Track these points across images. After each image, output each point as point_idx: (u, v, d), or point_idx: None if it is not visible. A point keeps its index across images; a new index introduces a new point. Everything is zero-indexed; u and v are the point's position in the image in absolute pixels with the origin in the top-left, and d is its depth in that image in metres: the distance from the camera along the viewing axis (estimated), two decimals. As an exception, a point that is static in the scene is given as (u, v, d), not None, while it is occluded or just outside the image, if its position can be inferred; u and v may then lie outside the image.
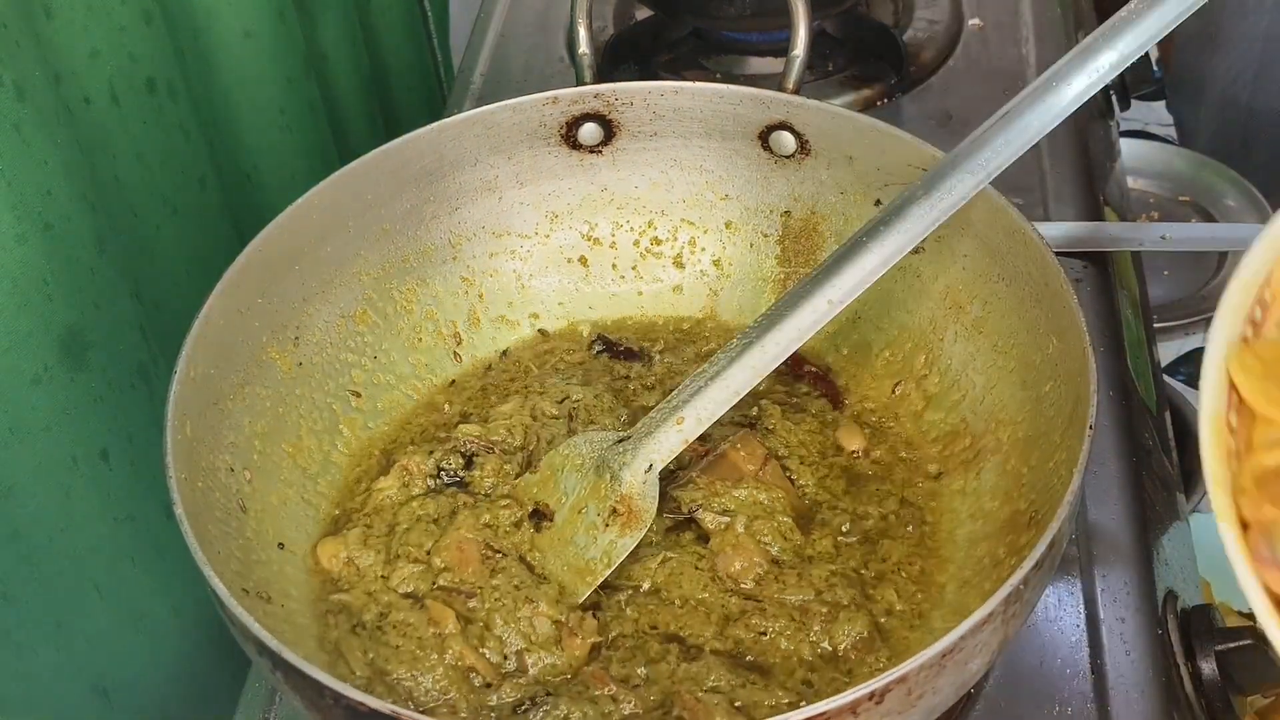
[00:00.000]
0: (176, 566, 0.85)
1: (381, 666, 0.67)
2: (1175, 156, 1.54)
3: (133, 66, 0.81)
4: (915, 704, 0.56)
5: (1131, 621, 0.74)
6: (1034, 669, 0.72)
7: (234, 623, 0.60)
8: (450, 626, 0.68)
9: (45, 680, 0.80)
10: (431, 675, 0.66)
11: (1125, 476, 0.83)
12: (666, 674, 0.66)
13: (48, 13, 0.75)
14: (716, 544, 0.71)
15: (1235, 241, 1.27)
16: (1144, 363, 0.97)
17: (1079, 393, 0.65)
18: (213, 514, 0.68)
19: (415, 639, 0.68)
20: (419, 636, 0.68)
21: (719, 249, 0.88)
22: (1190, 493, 1.16)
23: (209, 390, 0.71)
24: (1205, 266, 1.42)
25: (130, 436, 0.80)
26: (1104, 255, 0.99)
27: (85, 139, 0.78)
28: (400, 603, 0.70)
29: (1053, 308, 0.69)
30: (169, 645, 0.88)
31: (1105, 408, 0.86)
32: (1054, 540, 0.59)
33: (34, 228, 0.71)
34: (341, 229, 0.79)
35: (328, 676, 0.55)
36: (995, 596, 0.56)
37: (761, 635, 0.67)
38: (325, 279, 0.80)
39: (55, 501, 0.77)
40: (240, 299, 0.74)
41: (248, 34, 0.90)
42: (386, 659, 0.67)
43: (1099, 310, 0.94)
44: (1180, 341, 1.36)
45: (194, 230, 0.89)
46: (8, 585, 0.76)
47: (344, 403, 0.80)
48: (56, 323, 0.74)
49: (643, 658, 0.67)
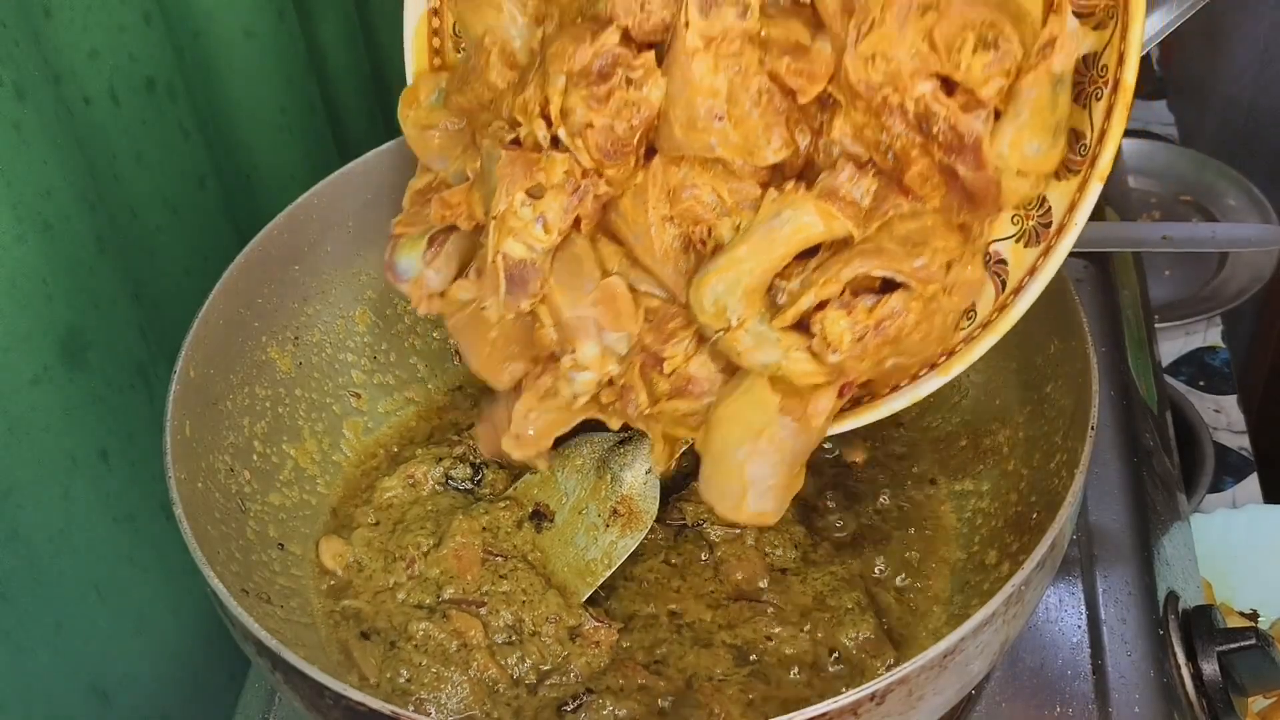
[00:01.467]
0: (176, 567, 0.85)
1: (402, 686, 0.66)
2: (1176, 156, 1.54)
3: (132, 66, 0.81)
4: (916, 705, 0.56)
5: (1132, 622, 0.74)
6: (1035, 670, 0.72)
7: (234, 623, 0.60)
8: (476, 636, 0.67)
9: (44, 680, 0.80)
10: (456, 691, 0.66)
11: (1126, 477, 0.83)
12: (679, 656, 0.66)
13: (47, 12, 0.75)
14: (721, 554, 0.71)
15: (1237, 241, 1.27)
16: (1145, 362, 0.97)
17: (1081, 394, 0.64)
18: (212, 514, 0.68)
19: (438, 653, 0.67)
20: (442, 650, 0.67)
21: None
22: (1191, 493, 1.16)
23: (208, 390, 0.71)
24: (1206, 266, 1.42)
25: (130, 436, 0.80)
26: (1105, 255, 0.99)
27: (85, 139, 0.78)
28: (416, 613, 0.69)
29: (1054, 308, 0.69)
30: (169, 645, 0.87)
31: (1106, 408, 0.86)
32: (1055, 541, 0.58)
33: (34, 228, 0.71)
34: (341, 229, 0.79)
35: (328, 677, 0.55)
36: (996, 598, 0.56)
37: (768, 640, 0.67)
38: (325, 279, 0.80)
39: (55, 501, 0.77)
40: (240, 299, 0.74)
41: (248, 34, 0.90)
42: (409, 677, 0.67)
43: (1100, 310, 0.94)
44: (1181, 341, 1.36)
45: (194, 230, 0.89)
46: (7, 585, 0.76)
47: (344, 403, 0.80)
48: (56, 323, 0.74)
49: (656, 637, 0.67)
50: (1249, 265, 1.40)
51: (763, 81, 0.59)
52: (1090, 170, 0.56)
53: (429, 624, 0.68)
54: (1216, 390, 1.31)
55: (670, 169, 0.62)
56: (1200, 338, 1.36)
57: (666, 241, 0.63)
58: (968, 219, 0.57)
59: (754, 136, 0.59)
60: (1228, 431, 1.27)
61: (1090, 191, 0.56)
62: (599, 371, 0.65)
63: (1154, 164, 1.53)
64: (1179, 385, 1.31)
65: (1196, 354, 1.35)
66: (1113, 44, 0.56)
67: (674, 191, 0.62)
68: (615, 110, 0.60)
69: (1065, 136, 0.57)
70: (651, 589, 0.71)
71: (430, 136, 0.71)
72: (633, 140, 0.61)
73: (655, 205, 0.63)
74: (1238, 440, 1.26)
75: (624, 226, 0.64)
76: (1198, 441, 1.22)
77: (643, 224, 0.63)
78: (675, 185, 0.62)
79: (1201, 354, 1.35)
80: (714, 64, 0.59)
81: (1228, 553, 1.06)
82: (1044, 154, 0.56)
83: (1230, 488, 1.22)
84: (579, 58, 0.60)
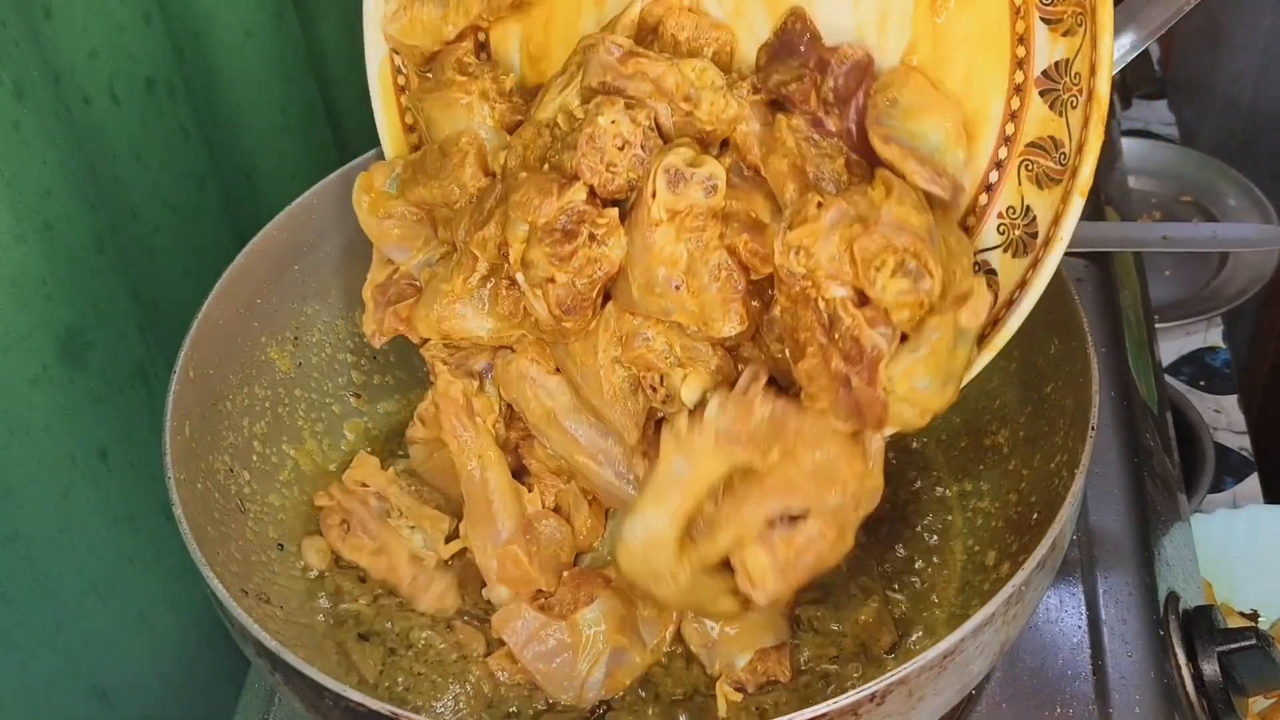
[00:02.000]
0: (176, 567, 0.85)
1: (400, 695, 0.67)
2: (1177, 156, 1.54)
3: (132, 66, 0.81)
4: (916, 705, 0.56)
5: (1133, 623, 0.74)
6: (1035, 670, 0.72)
7: (233, 624, 0.60)
8: (478, 649, 0.67)
9: (44, 681, 0.80)
10: (453, 703, 0.66)
11: (1126, 477, 0.82)
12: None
13: (47, 12, 0.75)
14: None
15: (1237, 241, 1.27)
16: (1145, 363, 0.96)
17: (1081, 394, 0.64)
18: (212, 514, 0.68)
19: (437, 663, 0.67)
20: (441, 661, 0.67)
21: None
22: (1192, 493, 1.16)
23: (208, 390, 0.71)
24: (1207, 266, 1.42)
25: (129, 437, 0.80)
26: (1106, 255, 0.99)
27: (85, 139, 0.78)
28: (421, 620, 0.69)
29: (1055, 308, 0.69)
30: (168, 646, 0.87)
31: (1106, 408, 0.85)
32: (1055, 541, 0.58)
33: (34, 228, 0.71)
34: (341, 229, 0.79)
35: (327, 678, 0.55)
36: (996, 598, 0.56)
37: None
38: (325, 279, 0.80)
39: (54, 501, 0.77)
40: (239, 299, 0.74)
41: (248, 33, 0.90)
42: (406, 686, 0.67)
43: (1100, 310, 0.94)
44: (1181, 341, 1.36)
45: (194, 230, 0.89)
46: (7, 586, 0.76)
47: (344, 404, 0.80)
48: (56, 323, 0.74)
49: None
50: (1249, 265, 1.40)
51: (721, 256, 0.60)
52: (1072, 183, 0.56)
53: (431, 632, 0.68)
54: (1217, 390, 1.31)
55: (624, 316, 0.63)
56: (1200, 338, 1.36)
57: (615, 383, 0.64)
58: (857, 428, 0.57)
59: (711, 309, 0.60)
60: (1228, 431, 1.27)
61: (1073, 205, 0.56)
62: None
63: (1154, 164, 1.53)
64: (1179, 385, 1.31)
65: (1196, 354, 1.35)
66: (1084, 52, 0.56)
67: (626, 338, 0.63)
68: (577, 267, 0.61)
69: (957, 384, 0.57)
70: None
71: (388, 226, 0.72)
72: (592, 294, 0.62)
73: (606, 348, 0.64)
74: (1238, 440, 1.26)
75: (573, 368, 0.65)
76: (1198, 441, 1.22)
77: (591, 366, 0.64)
78: (628, 333, 0.63)
79: (1202, 354, 1.35)
80: (676, 235, 0.60)
81: (1228, 553, 1.06)
82: (932, 393, 0.56)
83: (1230, 488, 1.22)
84: (544, 210, 0.61)
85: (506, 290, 0.64)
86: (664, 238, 0.60)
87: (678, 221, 0.59)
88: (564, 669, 0.64)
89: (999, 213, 0.59)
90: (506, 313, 0.65)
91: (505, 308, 0.65)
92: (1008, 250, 0.60)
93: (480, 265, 0.65)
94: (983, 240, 0.60)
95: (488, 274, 0.66)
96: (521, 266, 0.62)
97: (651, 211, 0.59)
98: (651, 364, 0.63)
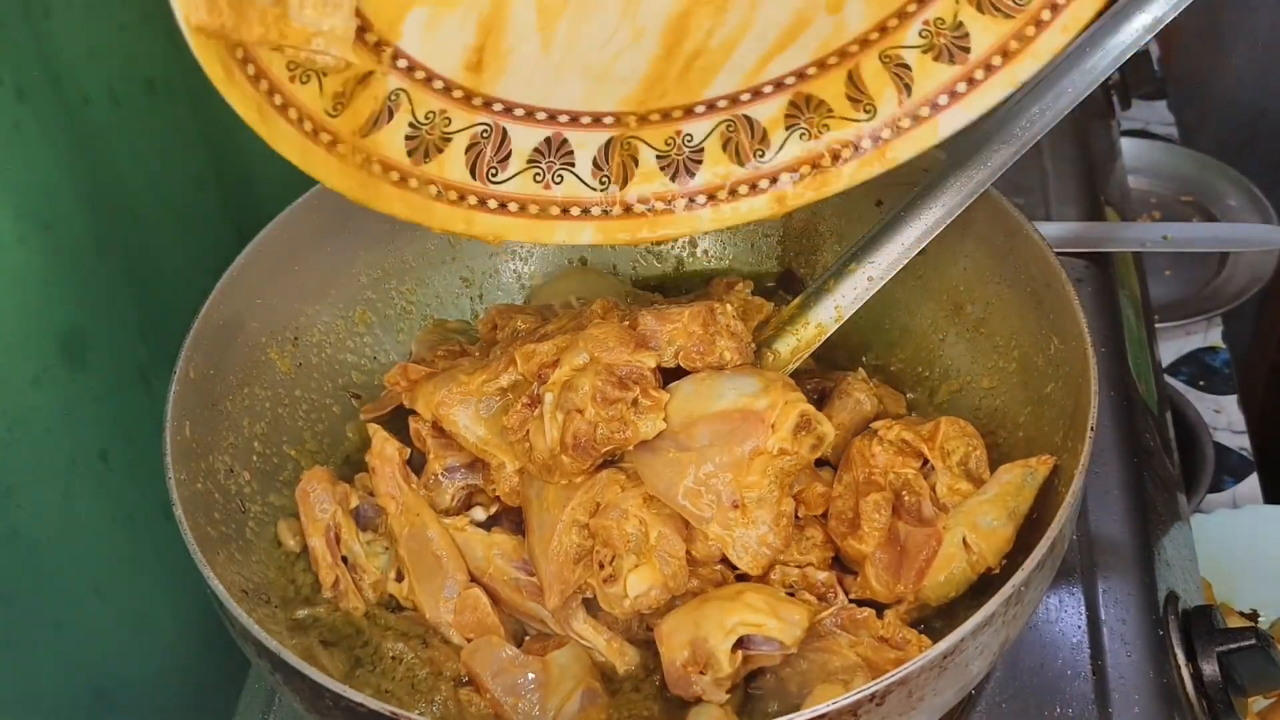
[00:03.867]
0: (176, 567, 0.85)
1: None
2: (1177, 156, 1.54)
3: (132, 66, 0.81)
4: (916, 705, 0.56)
5: (1132, 623, 0.74)
6: (1035, 670, 0.72)
7: (233, 624, 0.60)
8: (450, 669, 0.67)
9: (44, 681, 0.80)
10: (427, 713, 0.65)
11: (1126, 477, 0.83)
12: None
13: (47, 12, 0.75)
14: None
15: (1237, 241, 1.27)
16: (1145, 363, 0.96)
17: (1080, 395, 0.64)
18: (212, 514, 0.68)
19: (406, 680, 0.66)
20: (411, 678, 0.66)
21: (719, 249, 0.88)
22: (1191, 493, 1.16)
23: (208, 391, 0.71)
24: (1207, 266, 1.42)
25: (129, 437, 0.80)
26: (1105, 255, 0.99)
27: (85, 139, 0.78)
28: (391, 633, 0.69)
29: (1054, 308, 0.69)
30: (169, 646, 0.87)
31: (1106, 408, 0.86)
32: (1054, 542, 0.58)
33: (34, 228, 0.71)
34: (341, 229, 0.79)
35: (327, 678, 0.55)
36: (996, 598, 0.56)
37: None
38: (325, 279, 0.80)
39: (55, 501, 0.77)
40: (239, 299, 0.74)
41: (248, 33, 0.90)
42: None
43: (1100, 310, 0.94)
44: (1181, 341, 1.36)
45: (194, 230, 0.89)
46: (7, 585, 0.76)
47: (344, 404, 0.80)
48: (56, 323, 0.74)
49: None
50: (1249, 265, 1.40)
51: (790, 505, 0.65)
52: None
53: (403, 645, 0.68)
54: (1216, 390, 1.31)
55: (611, 486, 0.65)
56: (1200, 338, 1.36)
57: (566, 544, 0.65)
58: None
59: (745, 544, 0.63)
60: (1228, 432, 1.27)
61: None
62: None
63: (1154, 164, 1.53)
64: (1179, 385, 1.31)
65: (1196, 354, 1.35)
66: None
67: (602, 508, 0.64)
68: (609, 416, 0.63)
69: None
70: None
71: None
72: (599, 452, 0.64)
73: (576, 507, 0.64)
74: (1238, 440, 1.26)
75: (535, 511, 0.66)
76: (1198, 442, 1.22)
77: (553, 517, 0.65)
78: (607, 503, 0.64)
79: (1201, 354, 1.35)
80: (765, 467, 0.63)
81: (1228, 553, 1.06)
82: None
83: (1230, 488, 1.22)
84: (615, 355, 0.64)
85: (520, 408, 0.66)
86: (760, 464, 0.63)
87: (779, 460, 0.63)
88: (532, 705, 0.64)
89: (924, 20, 0.60)
90: (507, 427, 0.66)
91: (511, 421, 0.66)
92: (928, 53, 0.60)
93: (505, 376, 0.67)
94: (905, 39, 0.60)
95: (509, 387, 0.68)
96: (561, 388, 0.64)
97: (768, 441, 0.62)
98: (610, 541, 0.64)
